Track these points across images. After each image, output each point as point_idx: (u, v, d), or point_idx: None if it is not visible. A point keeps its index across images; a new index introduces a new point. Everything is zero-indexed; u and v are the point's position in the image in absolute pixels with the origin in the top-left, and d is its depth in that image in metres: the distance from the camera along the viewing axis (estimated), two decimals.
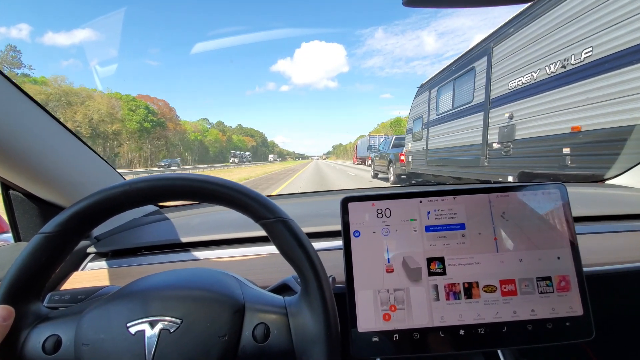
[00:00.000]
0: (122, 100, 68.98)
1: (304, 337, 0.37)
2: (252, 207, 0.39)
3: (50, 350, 0.35)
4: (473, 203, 0.52)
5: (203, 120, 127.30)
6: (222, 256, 0.73)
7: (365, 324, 0.48)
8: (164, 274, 0.43)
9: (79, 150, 0.72)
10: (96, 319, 0.37)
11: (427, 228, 0.51)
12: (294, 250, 0.39)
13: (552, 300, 0.48)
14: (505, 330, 0.47)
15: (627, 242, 0.72)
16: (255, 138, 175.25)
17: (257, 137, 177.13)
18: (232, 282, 0.42)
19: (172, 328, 0.36)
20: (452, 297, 0.49)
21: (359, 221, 0.51)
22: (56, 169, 0.65)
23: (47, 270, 0.37)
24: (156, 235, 0.80)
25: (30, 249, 0.36)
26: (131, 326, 0.35)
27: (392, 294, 0.49)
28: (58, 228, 0.36)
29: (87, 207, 0.37)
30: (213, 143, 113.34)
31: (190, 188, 0.38)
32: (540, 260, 0.50)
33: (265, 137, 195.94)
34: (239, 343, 0.37)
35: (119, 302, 0.38)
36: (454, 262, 0.50)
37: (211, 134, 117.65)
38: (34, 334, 0.36)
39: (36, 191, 0.67)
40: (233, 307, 0.38)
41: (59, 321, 0.38)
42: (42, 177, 0.63)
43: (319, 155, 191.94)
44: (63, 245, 0.37)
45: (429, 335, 0.47)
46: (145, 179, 0.38)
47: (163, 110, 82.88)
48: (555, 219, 0.51)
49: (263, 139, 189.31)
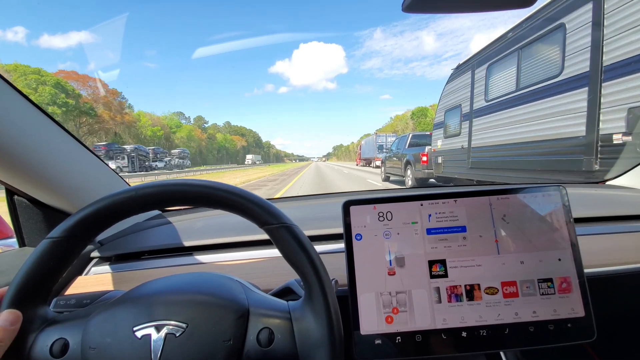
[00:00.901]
0: (15, 73, 46.08)
1: (308, 342, 0.38)
2: (256, 212, 0.39)
3: (58, 354, 0.36)
4: (474, 205, 0.52)
5: (176, 114, 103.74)
6: (225, 260, 0.73)
7: (368, 326, 0.48)
8: (169, 278, 0.44)
9: (82, 156, 0.73)
10: (103, 323, 0.37)
11: (429, 231, 0.51)
12: (297, 256, 0.39)
13: (553, 301, 0.49)
14: (507, 332, 0.48)
15: (628, 243, 0.72)
16: (247, 137, 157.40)
17: (248, 137, 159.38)
18: (237, 286, 0.43)
19: (177, 332, 0.36)
20: (454, 299, 0.49)
21: (360, 224, 0.51)
22: (60, 175, 0.65)
23: (54, 274, 0.38)
24: (159, 239, 0.81)
25: (37, 254, 0.36)
26: (137, 330, 0.36)
27: (394, 296, 0.49)
28: (65, 233, 0.37)
29: (94, 212, 0.37)
30: (186, 141, 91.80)
31: (196, 194, 0.39)
32: (542, 262, 0.50)
33: (260, 137, 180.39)
34: (244, 347, 0.37)
35: (125, 307, 0.38)
36: (456, 264, 0.50)
37: (183, 130, 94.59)
38: (42, 337, 0.37)
39: (40, 197, 0.68)
40: (237, 312, 0.39)
41: (65, 325, 0.38)
42: (46, 183, 0.64)
43: (319, 157, 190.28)
44: (70, 250, 0.38)
45: (431, 338, 0.48)
46: (152, 185, 0.39)
47: (96, 94, 59.83)
48: (555, 221, 0.51)
49: (256, 139, 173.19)
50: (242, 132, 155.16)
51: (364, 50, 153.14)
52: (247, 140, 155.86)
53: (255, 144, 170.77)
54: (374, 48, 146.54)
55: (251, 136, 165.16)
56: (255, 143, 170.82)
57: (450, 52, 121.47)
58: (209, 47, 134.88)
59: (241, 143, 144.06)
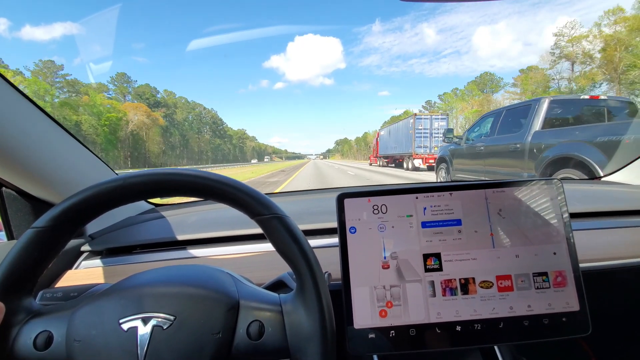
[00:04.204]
0: None
1: (299, 335, 0.37)
2: (248, 203, 0.38)
3: (42, 347, 0.35)
4: (469, 199, 0.51)
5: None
6: (218, 254, 0.72)
7: (362, 320, 0.48)
8: (157, 270, 0.43)
9: (70, 146, 0.71)
10: (88, 315, 0.36)
11: (424, 224, 0.51)
12: (289, 247, 0.38)
13: (548, 295, 0.48)
14: (502, 326, 0.47)
15: (623, 238, 0.73)
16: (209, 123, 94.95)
17: (205, 120, 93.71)
18: (227, 279, 0.42)
19: (165, 325, 0.35)
20: (449, 293, 0.48)
21: (355, 217, 0.51)
22: (48, 165, 0.64)
23: (39, 265, 0.37)
24: (151, 233, 0.80)
25: (21, 244, 0.35)
26: (123, 322, 0.35)
27: (388, 290, 0.48)
28: (50, 223, 0.36)
29: (79, 201, 0.36)
30: None
31: (185, 183, 0.38)
32: (537, 256, 0.50)
33: (224, 124, 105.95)
34: (233, 340, 0.37)
35: (111, 299, 0.37)
36: (450, 258, 0.50)
37: None
38: (25, 330, 0.36)
39: (28, 188, 0.66)
40: (227, 304, 0.38)
41: (50, 317, 0.37)
42: (34, 174, 0.62)
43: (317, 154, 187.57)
44: (55, 241, 0.37)
45: (425, 332, 0.47)
46: (140, 174, 0.38)
47: None
48: (551, 215, 0.51)
49: (220, 128, 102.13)
50: (191, 106, 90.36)
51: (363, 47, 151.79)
52: (211, 129, 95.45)
53: (219, 134, 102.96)
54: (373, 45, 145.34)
55: (208, 115, 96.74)
56: (219, 133, 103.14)
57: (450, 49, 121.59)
58: (199, 40, 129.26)
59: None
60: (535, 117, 4.20)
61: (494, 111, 5.54)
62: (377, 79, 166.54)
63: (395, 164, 21.17)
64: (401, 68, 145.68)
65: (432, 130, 16.69)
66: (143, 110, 67.03)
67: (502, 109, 5.25)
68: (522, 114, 4.55)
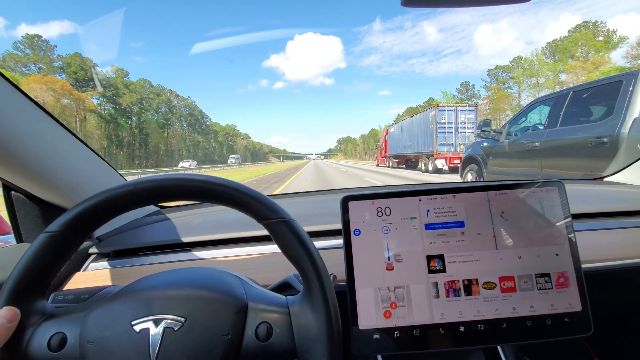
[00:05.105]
0: None
1: (306, 336, 0.38)
2: (256, 207, 0.39)
3: (56, 348, 0.36)
4: (472, 201, 0.52)
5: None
6: (224, 255, 0.73)
7: (366, 321, 0.48)
8: (167, 273, 0.44)
9: (79, 151, 0.72)
10: (101, 317, 0.37)
11: (427, 226, 0.51)
12: (296, 251, 0.39)
13: (551, 296, 0.49)
14: (505, 327, 0.48)
15: (625, 239, 0.73)
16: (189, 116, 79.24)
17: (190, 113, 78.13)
18: (235, 281, 0.43)
19: (176, 326, 0.36)
20: (452, 294, 0.49)
21: (359, 220, 0.51)
22: (57, 170, 0.65)
23: (52, 269, 0.38)
24: (157, 235, 0.81)
25: (35, 248, 0.36)
26: (136, 324, 0.36)
27: (392, 291, 0.49)
28: (63, 227, 0.37)
29: (92, 206, 0.37)
30: None
31: (194, 188, 0.39)
32: (539, 257, 0.50)
33: (206, 117, 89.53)
34: (242, 342, 0.37)
35: (123, 301, 0.38)
36: (454, 259, 0.50)
37: None
38: (39, 331, 0.36)
39: (37, 192, 0.67)
40: (236, 307, 0.39)
41: (64, 319, 0.38)
42: (43, 178, 0.63)
43: (317, 154, 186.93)
44: (68, 245, 0.38)
45: (429, 332, 0.48)
46: (150, 179, 0.39)
47: None
48: (553, 216, 0.51)
49: (202, 122, 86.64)
50: (160, 91, 73.73)
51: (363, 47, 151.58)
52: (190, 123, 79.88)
53: (202, 130, 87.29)
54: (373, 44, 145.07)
55: (191, 109, 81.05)
56: (201, 128, 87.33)
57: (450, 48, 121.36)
58: (202, 43, 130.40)
59: None
60: (633, 97, 2.89)
61: (548, 96, 4.28)
62: (378, 79, 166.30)
63: (406, 165, 18.40)
64: (402, 68, 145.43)
65: (457, 125, 13.29)
66: (59, 86, 47.53)
67: (561, 92, 3.93)
68: (605, 96, 3.25)
